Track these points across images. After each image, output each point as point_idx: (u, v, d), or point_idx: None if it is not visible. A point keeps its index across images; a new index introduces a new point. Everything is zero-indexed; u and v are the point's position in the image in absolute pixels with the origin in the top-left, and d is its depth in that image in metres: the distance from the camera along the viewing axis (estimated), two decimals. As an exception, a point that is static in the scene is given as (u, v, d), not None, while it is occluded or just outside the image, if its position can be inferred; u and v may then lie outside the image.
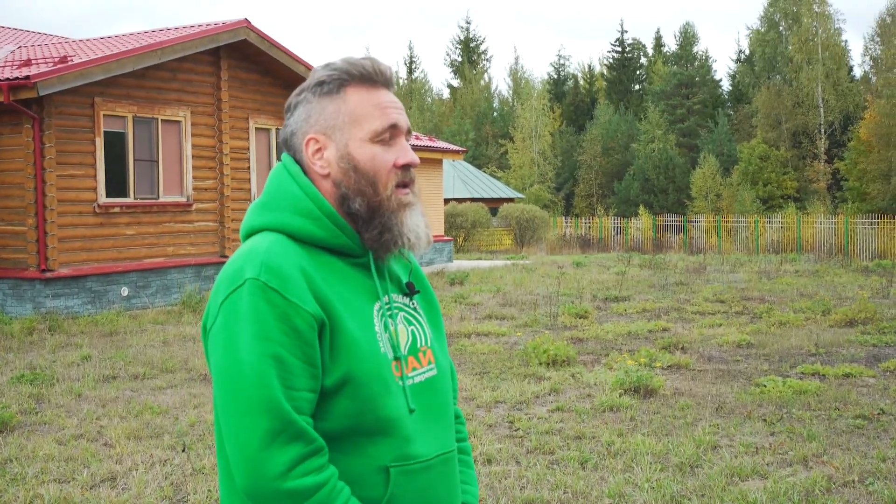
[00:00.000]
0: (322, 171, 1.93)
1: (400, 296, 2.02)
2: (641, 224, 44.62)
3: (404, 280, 2.06)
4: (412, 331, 1.99)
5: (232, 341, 1.76)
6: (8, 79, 14.53)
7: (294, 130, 1.97)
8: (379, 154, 1.92)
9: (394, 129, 1.94)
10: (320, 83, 1.95)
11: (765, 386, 9.11)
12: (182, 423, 7.84)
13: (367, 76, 1.95)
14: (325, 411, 1.81)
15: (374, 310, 1.92)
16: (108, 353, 11.39)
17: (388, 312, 1.95)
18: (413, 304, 2.05)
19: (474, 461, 6.65)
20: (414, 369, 1.95)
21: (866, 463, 6.53)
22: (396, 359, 1.91)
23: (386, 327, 1.92)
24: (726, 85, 72.44)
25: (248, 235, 1.95)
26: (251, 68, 19.07)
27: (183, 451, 7.01)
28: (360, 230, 1.93)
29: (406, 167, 1.94)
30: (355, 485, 1.81)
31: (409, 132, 1.98)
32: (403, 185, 1.95)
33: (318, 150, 1.94)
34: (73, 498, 5.87)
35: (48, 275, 14.98)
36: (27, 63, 15.96)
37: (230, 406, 1.75)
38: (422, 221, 1.97)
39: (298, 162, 1.97)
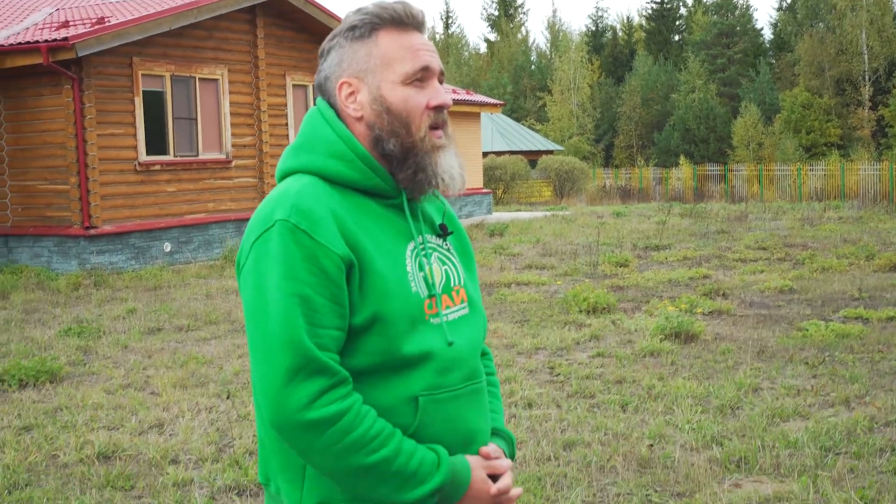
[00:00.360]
0: (355, 113, 1.94)
1: (433, 237, 2.04)
2: (682, 174, 44.19)
3: (438, 222, 2.07)
4: (446, 270, 2.01)
5: (261, 281, 1.80)
6: (47, 40, 14.64)
7: (328, 75, 1.98)
8: (411, 96, 1.92)
9: (426, 70, 1.94)
10: (352, 27, 1.95)
11: (807, 330, 9.06)
12: (226, 371, 7.96)
13: (399, 19, 1.95)
14: (355, 349, 1.84)
15: (408, 250, 1.94)
16: (153, 307, 11.56)
17: (423, 252, 1.97)
18: (446, 245, 2.06)
19: (515, 405, 6.70)
20: (448, 307, 1.97)
21: (910, 403, 6.49)
22: (431, 296, 1.93)
23: (421, 266, 1.94)
24: (768, 34, 71.28)
25: (283, 177, 1.97)
26: (287, 25, 19.05)
27: (227, 398, 7.12)
28: (394, 171, 1.94)
29: (439, 108, 1.94)
30: (384, 414, 1.84)
31: (441, 74, 1.98)
32: (436, 126, 1.94)
33: (351, 93, 1.94)
34: (122, 443, 5.99)
35: (92, 232, 15.18)
36: (65, 25, 16.06)
37: (257, 343, 1.79)
38: (456, 162, 1.97)
39: (332, 106, 1.98)
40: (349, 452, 1.77)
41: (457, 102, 26.85)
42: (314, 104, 2.04)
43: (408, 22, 1.96)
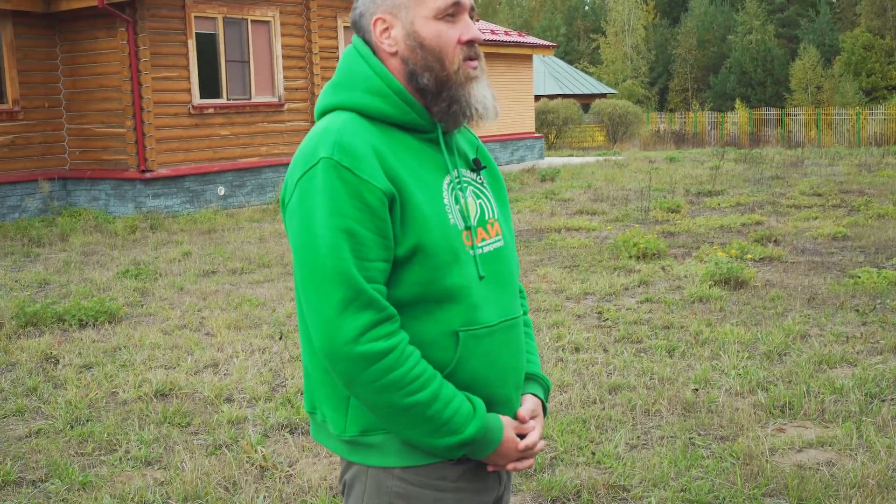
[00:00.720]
0: (390, 49, 2.00)
1: (468, 171, 2.10)
2: (738, 118, 43.54)
3: (471, 157, 2.14)
4: (480, 204, 2.07)
5: (308, 217, 1.87)
6: (102, -18, 14.77)
7: (362, 12, 2.04)
8: (444, 30, 1.97)
9: (457, 6, 1.98)
10: None
11: (859, 277, 8.99)
12: (279, 313, 8.12)
13: None
14: (398, 280, 1.91)
15: (444, 183, 2.00)
16: (207, 250, 11.77)
17: (458, 186, 2.03)
18: (480, 179, 2.13)
19: (562, 349, 6.78)
20: (483, 240, 2.04)
21: (960, 351, 6.45)
22: (467, 228, 2.00)
23: (457, 200, 2.01)
24: (829, -29, 69.43)
25: (323, 114, 2.04)
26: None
27: (280, 339, 7.28)
28: (429, 104, 2.00)
29: (470, 43, 1.99)
30: (427, 348, 1.92)
31: (472, 10, 2.03)
32: (469, 58, 2.00)
33: (386, 29, 2.00)
34: (178, 382, 6.18)
35: (148, 175, 15.42)
36: (120, -33, 16.17)
37: (307, 277, 1.87)
38: (489, 93, 2.02)
39: (367, 42, 2.04)
40: (388, 390, 1.84)
41: (508, 45, 26.64)
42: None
43: None
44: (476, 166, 2.12)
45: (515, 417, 2.06)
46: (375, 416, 1.91)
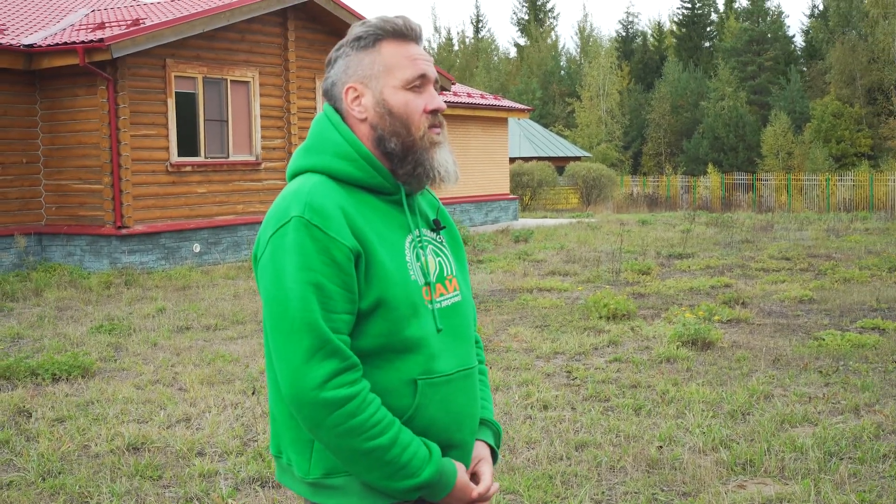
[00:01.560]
0: (360, 115, 2.17)
1: (428, 231, 2.26)
2: (710, 182, 44.17)
3: (432, 217, 2.30)
4: (440, 262, 2.23)
5: (279, 271, 2.02)
6: (83, 41, 14.99)
7: (334, 81, 2.21)
8: (411, 100, 2.15)
9: (423, 78, 2.17)
10: (357, 38, 2.18)
11: (823, 339, 9.17)
12: (252, 369, 8.20)
13: (400, 32, 2.17)
14: (361, 331, 2.06)
15: (406, 241, 2.16)
16: (182, 306, 11.83)
17: (419, 244, 2.19)
18: (440, 238, 2.29)
19: (531, 407, 6.89)
20: (441, 295, 2.19)
21: (918, 412, 6.62)
22: (427, 284, 2.15)
23: (418, 257, 2.16)
24: (799, 41, 71.02)
25: (294, 176, 2.20)
26: (317, 28, 19.33)
27: (253, 394, 7.35)
28: (395, 167, 2.17)
29: (434, 112, 2.18)
30: (387, 395, 2.06)
31: (436, 82, 2.21)
32: (433, 126, 2.18)
33: (357, 97, 2.17)
34: (150, 436, 6.24)
35: (124, 231, 15.50)
36: (101, 26, 16.41)
37: (277, 326, 2.01)
38: (450, 158, 2.20)
39: (338, 109, 2.21)
40: (350, 435, 1.98)
41: (484, 108, 27.04)
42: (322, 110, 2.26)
43: (407, 34, 2.18)
44: (436, 227, 2.28)
45: (468, 462, 2.20)
46: (338, 459, 2.04)
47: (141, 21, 16.17)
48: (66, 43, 15.23)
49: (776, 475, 5.36)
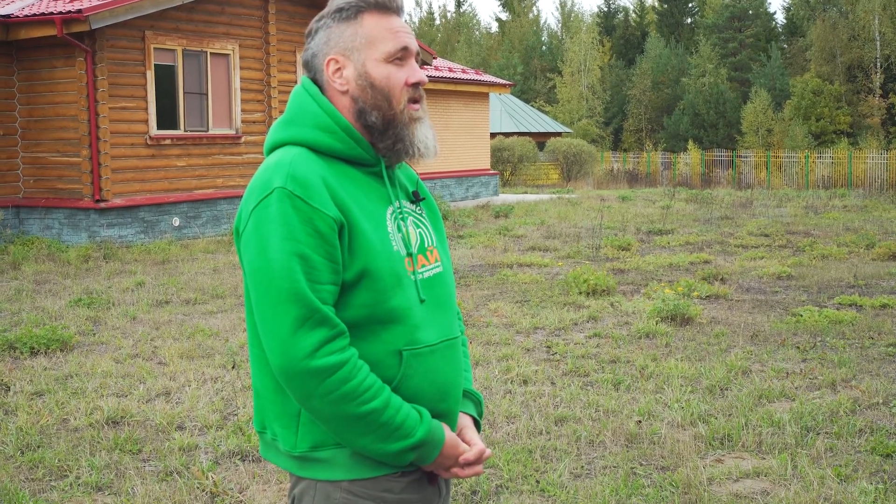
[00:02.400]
0: (341, 87, 2.16)
1: (408, 202, 2.26)
2: (690, 159, 44.25)
3: (411, 190, 2.30)
4: (420, 233, 2.23)
5: (263, 242, 2.01)
6: (61, 12, 14.83)
7: (315, 52, 2.19)
8: (393, 73, 2.14)
9: (405, 51, 2.16)
10: (339, 10, 2.16)
11: (801, 315, 9.24)
12: (232, 343, 8.18)
13: (381, 4, 2.16)
14: (346, 302, 2.06)
15: (388, 213, 2.16)
16: (161, 280, 11.79)
17: (400, 216, 2.19)
18: (419, 210, 2.29)
19: (511, 381, 6.91)
20: (423, 266, 2.19)
21: (893, 387, 6.68)
22: (409, 255, 2.15)
23: (399, 228, 2.16)
24: (780, 18, 71.17)
25: (273, 149, 2.18)
26: (298, 1, 19.18)
27: (233, 368, 7.35)
28: (375, 141, 2.16)
29: (416, 85, 2.17)
30: (373, 366, 2.06)
31: (417, 55, 2.20)
32: (414, 101, 2.17)
33: (338, 69, 2.16)
34: (130, 410, 6.22)
35: (102, 205, 15.41)
36: (79, -3, 16.22)
37: (263, 298, 2.00)
38: (430, 133, 2.20)
39: (319, 81, 2.20)
40: (344, 401, 1.98)
41: (466, 82, 26.96)
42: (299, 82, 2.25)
43: (389, 6, 2.17)
44: (415, 198, 2.28)
45: (453, 430, 2.20)
46: (329, 428, 2.04)
47: (119, -8, 15.99)
48: (43, 14, 15.06)
49: (753, 450, 5.41)
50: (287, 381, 1.99)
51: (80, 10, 14.60)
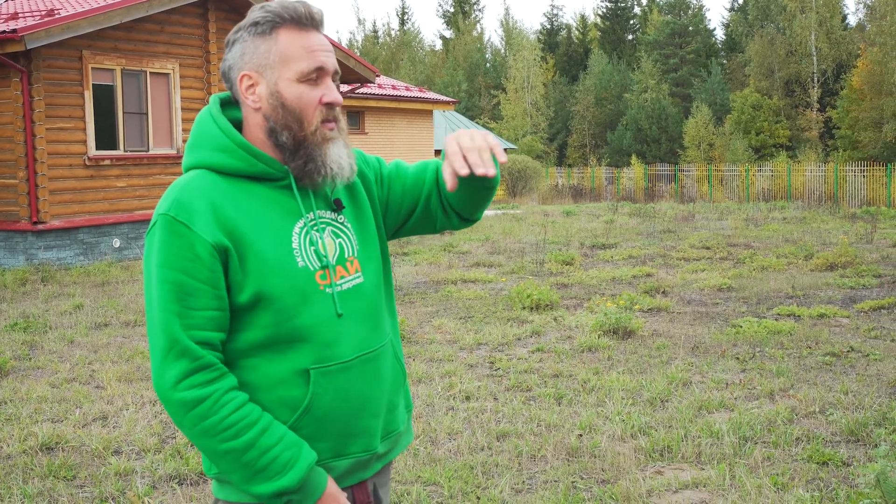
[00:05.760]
0: (254, 105, 2.11)
1: (328, 212, 2.19)
2: (633, 174, 44.74)
3: (333, 197, 2.23)
4: (339, 243, 2.17)
5: (148, 271, 2.03)
6: (-5, 32, 14.59)
7: (231, 65, 2.14)
8: (305, 93, 2.09)
9: (320, 70, 2.10)
10: (255, 23, 2.11)
11: (740, 326, 9.34)
12: (171, 366, 8.06)
13: (298, 19, 2.10)
14: (247, 323, 2.03)
15: (296, 227, 2.10)
16: (101, 302, 11.61)
17: (315, 227, 2.13)
18: (341, 218, 2.21)
19: (454, 398, 6.90)
20: (342, 277, 2.14)
21: (830, 396, 6.78)
22: (325, 267, 2.10)
23: (312, 241, 2.11)
24: (720, 34, 72.41)
25: (185, 173, 2.17)
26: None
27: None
28: (287, 161, 2.12)
29: (330, 105, 2.11)
30: (280, 386, 2.04)
31: (336, 74, 2.15)
32: (328, 120, 2.12)
33: (251, 85, 2.11)
34: (65, 435, 6.10)
35: (40, 227, 15.15)
36: (14, 16, 15.99)
37: (148, 325, 2.02)
38: (344, 153, 2.14)
39: (235, 94, 2.16)
40: (206, 436, 1.97)
41: (409, 100, 27.01)
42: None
43: (306, 22, 2.11)
44: (336, 206, 2.21)
45: (376, 447, 2.18)
46: (205, 456, 2.06)
47: (56, 11, 15.80)
48: (-23, 34, 14.80)
49: (692, 461, 5.45)
50: (163, 406, 2.04)
51: (14, 30, 14.37)
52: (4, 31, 14.49)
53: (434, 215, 2.35)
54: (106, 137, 16.56)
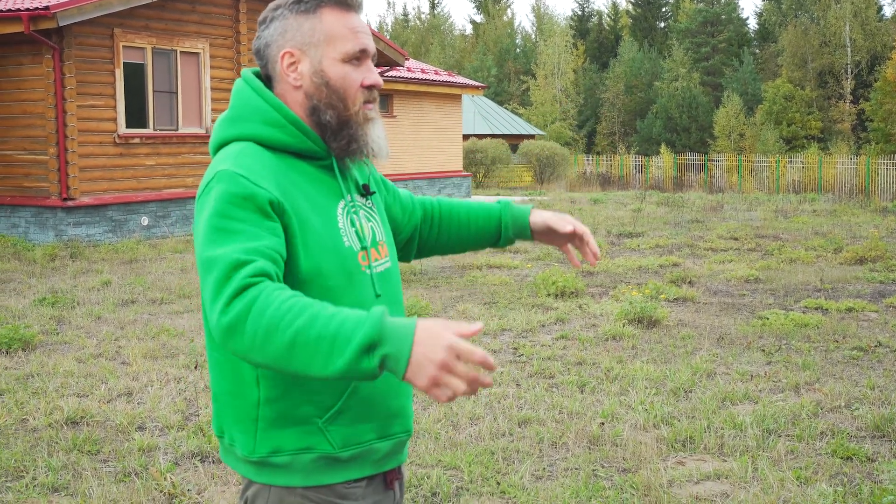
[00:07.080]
0: (295, 82, 2.10)
1: (359, 196, 2.21)
2: (662, 163, 44.46)
3: (361, 182, 2.25)
4: (371, 227, 2.19)
5: (204, 219, 1.92)
6: (28, 9, 14.68)
7: (269, 42, 2.12)
8: (350, 73, 2.09)
9: (363, 52, 2.10)
10: (298, 1, 2.10)
11: (767, 319, 9.28)
12: (197, 344, 8.12)
13: (342, 0, 2.10)
14: None
15: (339, 207, 2.11)
16: (128, 279, 11.69)
17: (353, 209, 2.14)
18: (370, 203, 2.24)
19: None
20: (376, 260, 2.15)
21: (856, 390, 6.72)
22: (364, 249, 2.11)
23: (352, 222, 2.12)
24: (752, 23, 71.74)
25: (219, 147, 2.12)
26: (269, 1, 19.07)
27: (196, 368, 7.28)
28: (328, 140, 2.11)
29: (371, 87, 2.12)
30: None
31: (374, 56, 2.15)
32: (368, 102, 2.12)
33: (293, 63, 2.09)
34: (90, 410, 6.15)
35: (70, 203, 15.26)
36: (48, -7, 16.07)
37: (202, 272, 1.88)
38: (382, 134, 2.15)
39: (271, 71, 2.14)
40: (270, 335, 1.76)
41: (438, 84, 26.95)
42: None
43: (350, 3, 2.11)
44: (366, 191, 2.22)
45: (411, 427, 2.17)
46: (285, 373, 1.84)
47: (89, -11, 15.86)
48: (10, 10, 14.90)
49: (715, 452, 5.42)
50: (224, 344, 1.82)
51: (47, 7, 14.45)
52: (37, 8, 14.58)
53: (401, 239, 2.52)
54: (136, 116, 16.64)
